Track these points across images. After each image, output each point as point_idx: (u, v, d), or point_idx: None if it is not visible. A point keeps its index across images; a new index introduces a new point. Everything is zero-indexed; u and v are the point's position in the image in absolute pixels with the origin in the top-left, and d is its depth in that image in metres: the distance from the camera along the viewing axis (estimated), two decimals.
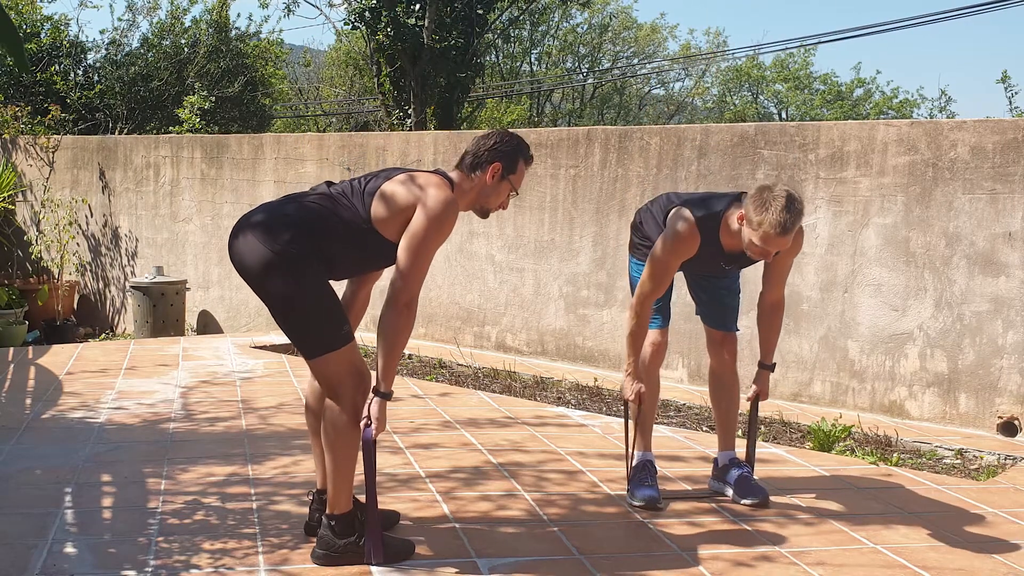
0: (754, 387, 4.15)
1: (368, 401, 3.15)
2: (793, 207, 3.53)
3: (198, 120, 12.91)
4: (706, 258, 3.87)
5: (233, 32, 15.67)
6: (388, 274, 3.23)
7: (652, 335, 4.00)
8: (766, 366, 4.13)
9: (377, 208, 3.18)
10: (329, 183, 3.35)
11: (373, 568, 3.23)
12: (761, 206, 3.55)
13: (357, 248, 3.23)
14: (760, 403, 4.19)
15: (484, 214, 3.41)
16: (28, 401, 5.61)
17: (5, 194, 10.93)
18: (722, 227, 3.80)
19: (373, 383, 3.16)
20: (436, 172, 3.30)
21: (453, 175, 3.32)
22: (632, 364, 3.91)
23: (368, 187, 3.24)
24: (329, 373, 3.18)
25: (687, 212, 3.82)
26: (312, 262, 3.14)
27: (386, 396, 3.13)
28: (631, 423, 4.09)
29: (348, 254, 3.25)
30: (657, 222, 3.99)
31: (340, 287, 3.43)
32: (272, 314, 3.23)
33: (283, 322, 3.20)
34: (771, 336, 4.12)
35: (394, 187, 3.20)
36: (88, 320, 10.87)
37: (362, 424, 3.14)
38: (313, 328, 3.16)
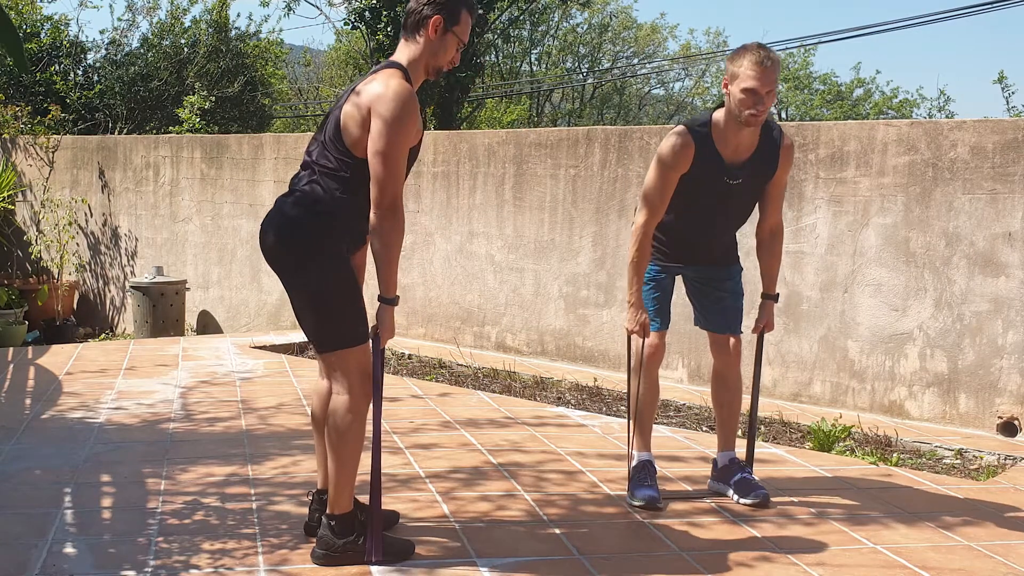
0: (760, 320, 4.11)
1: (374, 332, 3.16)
2: (764, 46, 3.69)
3: (198, 120, 12.90)
4: (708, 174, 3.82)
5: (233, 32, 15.65)
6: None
7: (651, 336, 3.98)
8: (769, 296, 4.11)
9: (347, 138, 3.12)
10: (308, 151, 3.26)
11: (373, 568, 3.23)
12: (735, 56, 3.73)
13: (358, 192, 3.14)
14: (760, 400, 4.17)
15: (437, 73, 3.29)
16: (28, 401, 5.61)
17: (5, 194, 10.93)
18: (713, 128, 3.82)
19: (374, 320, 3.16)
20: (385, 64, 3.20)
21: (399, 51, 3.24)
22: (634, 293, 3.86)
23: (330, 128, 3.17)
24: (339, 368, 3.19)
25: (677, 126, 3.88)
26: (330, 249, 3.13)
27: (391, 302, 3.12)
28: (633, 388, 4.02)
29: (356, 208, 3.16)
30: None
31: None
32: (295, 306, 3.22)
33: (307, 313, 3.19)
34: (773, 265, 4.09)
35: (348, 109, 3.12)
36: (88, 320, 10.87)
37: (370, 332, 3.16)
38: (333, 321, 3.16)
